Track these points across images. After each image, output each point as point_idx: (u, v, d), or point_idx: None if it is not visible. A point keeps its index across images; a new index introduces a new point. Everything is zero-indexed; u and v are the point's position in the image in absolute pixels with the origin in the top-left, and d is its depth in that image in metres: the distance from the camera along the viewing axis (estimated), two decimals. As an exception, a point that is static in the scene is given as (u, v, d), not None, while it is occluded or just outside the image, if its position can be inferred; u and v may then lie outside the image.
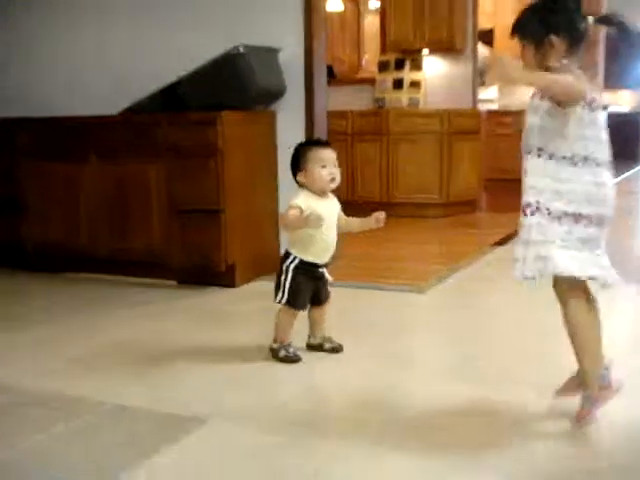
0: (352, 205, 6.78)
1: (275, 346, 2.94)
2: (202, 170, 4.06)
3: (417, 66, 7.50)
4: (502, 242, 5.47)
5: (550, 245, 2.11)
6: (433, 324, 3.63)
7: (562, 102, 2.05)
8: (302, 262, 2.87)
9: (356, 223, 2.99)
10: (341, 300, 3.94)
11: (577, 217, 2.10)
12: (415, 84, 7.47)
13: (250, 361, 2.94)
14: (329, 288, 3.00)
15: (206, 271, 4.18)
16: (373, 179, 6.92)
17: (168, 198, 4.19)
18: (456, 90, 7.42)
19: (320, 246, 2.88)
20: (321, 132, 4.50)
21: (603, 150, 2.11)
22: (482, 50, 9.62)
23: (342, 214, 3.00)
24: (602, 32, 10.08)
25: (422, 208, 6.76)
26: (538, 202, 2.14)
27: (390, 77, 7.59)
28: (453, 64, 7.46)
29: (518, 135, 2.29)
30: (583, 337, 2.17)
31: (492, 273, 4.62)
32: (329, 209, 2.90)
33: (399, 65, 7.56)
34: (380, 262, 4.91)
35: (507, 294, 3.96)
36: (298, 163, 2.89)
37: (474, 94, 7.48)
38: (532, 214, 2.15)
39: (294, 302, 2.89)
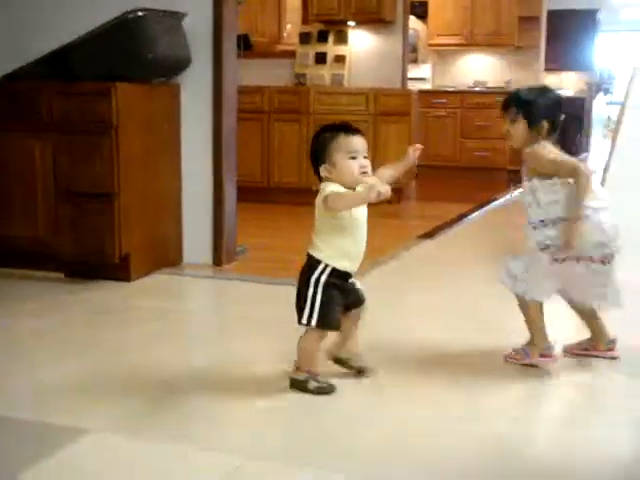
0: (266, 192, 6.91)
1: (300, 377, 2.64)
2: (94, 148, 3.99)
3: (342, 39, 7.56)
4: (430, 235, 5.56)
5: None
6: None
7: None
8: (335, 272, 2.58)
9: (388, 173, 2.76)
10: (240, 297, 3.98)
11: None
12: (339, 59, 7.53)
13: (138, 363, 2.92)
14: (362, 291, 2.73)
15: (97, 263, 4.12)
16: (291, 163, 6.93)
17: (55, 179, 4.10)
18: (384, 67, 7.51)
19: (357, 250, 2.62)
20: (230, 108, 4.49)
21: None
22: (414, 24, 9.78)
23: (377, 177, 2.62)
24: (544, 13, 10.39)
25: (345, 196, 6.78)
26: None
27: (312, 50, 7.62)
28: (382, 38, 7.54)
29: (452, 118, 2.74)
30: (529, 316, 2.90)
31: (416, 269, 4.70)
32: (362, 206, 2.61)
33: (322, 37, 7.60)
34: (292, 254, 4.89)
35: (429, 294, 4.03)
36: (321, 154, 2.59)
37: (404, 72, 7.58)
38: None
39: (328, 322, 2.59)
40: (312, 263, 2.59)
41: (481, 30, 9.85)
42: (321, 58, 7.57)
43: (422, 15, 10.17)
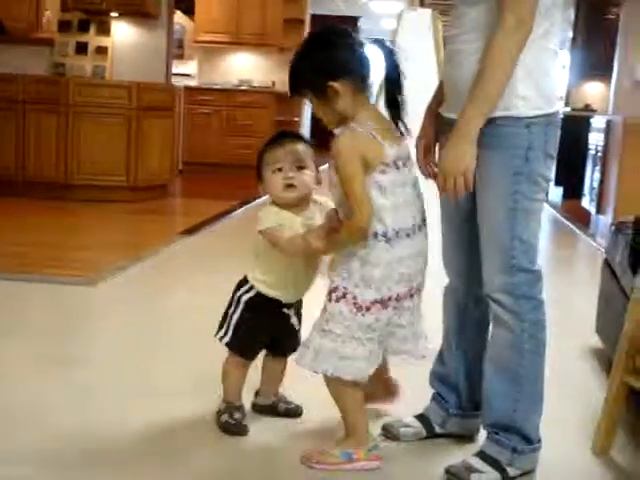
0: (22, 185, 6.59)
1: (221, 407, 2.41)
2: None
3: (104, 30, 7.36)
4: (191, 231, 5.57)
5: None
6: (99, 322, 3.59)
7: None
8: (259, 295, 2.35)
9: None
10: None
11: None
12: (102, 50, 7.33)
13: None
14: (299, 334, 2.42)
15: None
16: (49, 156, 6.64)
17: None
18: (149, 61, 7.40)
19: (292, 276, 2.33)
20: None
21: None
22: (180, 19, 9.72)
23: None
24: (307, 17, 10.70)
25: (107, 192, 6.63)
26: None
27: (73, 40, 7.36)
28: (146, 32, 7.43)
29: (218, 115, 2.17)
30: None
31: (176, 265, 4.69)
32: (309, 224, 2.26)
33: (83, 27, 7.36)
34: (47, 251, 4.72)
35: (187, 291, 4.04)
36: (258, 172, 2.34)
37: (168, 67, 7.52)
38: None
39: (240, 347, 2.37)
40: (241, 280, 2.39)
41: (247, 29, 9.98)
42: (82, 48, 7.32)
43: (189, 11, 10.13)
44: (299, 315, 2.45)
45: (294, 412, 2.50)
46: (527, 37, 1.95)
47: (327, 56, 2.08)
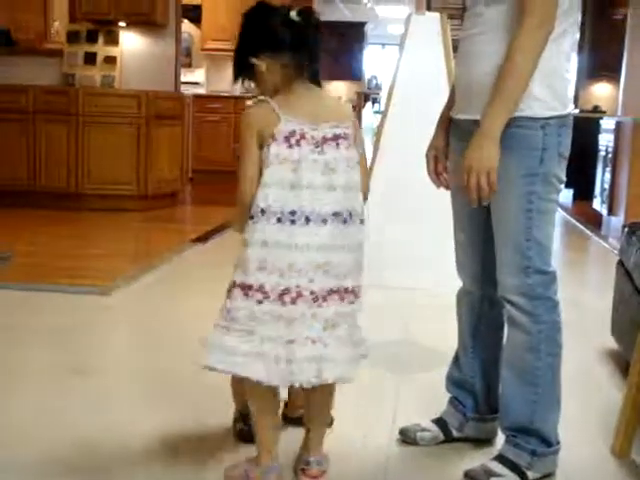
0: (34, 196, 6.61)
1: (235, 415, 2.39)
2: None
3: (113, 40, 7.37)
4: (202, 239, 5.57)
5: None
6: (114, 331, 3.59)
7: None
8: None
9: None
10: (3, 306, 3.78)
11: None
12: (110, 60, 7.33)
13: None
14: None
15: None
16: (60, 166, 6.66)
17: None
18: (157, 70, 7.41)
19: None
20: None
21: None
22: (188, 28, 9.75)
23: None
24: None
25: (117, 201, 6.65)
26: None
27: (81, 50, 7.37)
28: (154, 41, 7.44)
29: (226, 122, 2.14)
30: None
31: (188, 273, 4.69)
32: None
33: (92, 37, 7.37)
34: (60, 261, 4.73)
35: (200, 298, 4.04)
36: None
37: (177, 75, 7.53)
38: None
39: None
40: None
41: None
42: (91, 58, 7.33)
43: (196, 19, 10.15)
44: None
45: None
46: (548, 37, 1.96)
47: (245, 33, 2.05)
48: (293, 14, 1.98)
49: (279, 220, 1.93)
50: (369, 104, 15.38)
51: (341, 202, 1.98)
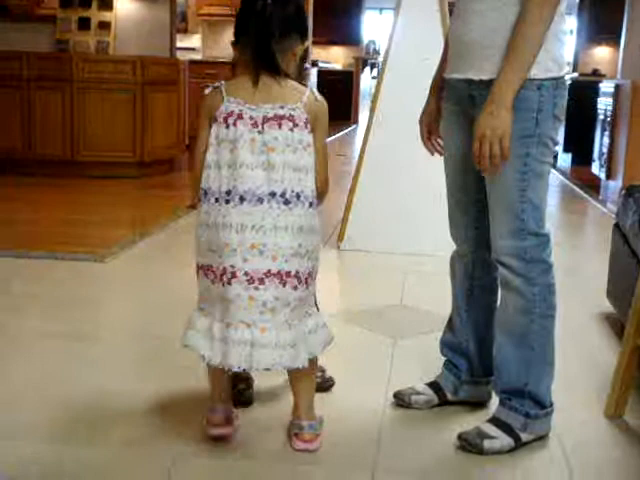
0: (29, 163, 6.59)
1: None
2: None
3: (107, 5, 7.30)
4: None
5: None
6: (109, 298, 3.59)
7: None
8: None
9: None
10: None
11: None
12: (104, 25, 7.27)
13: None
14: None
15: None
16: (55, 133, 6.63)
17: None
18: (152, 36, 7.35)
19: None
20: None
21: None
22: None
23: None
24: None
25: (113, 168, 6.62)
26: None
27: (75, 16, 7.30)
28: (148, 5, 7.37)
29: None
30: None
31: (184, 240, 4.68)
32: None
33: (85, 2, 7.29)
34: (56, 228, 4.73)
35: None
36: None
37: (172, 41, 7.48)
38: None
39: None
40: None
41: None
42: (84, 24, 7.27)
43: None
44: None
45: (324, 387, 2.45)
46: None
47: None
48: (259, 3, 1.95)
49: (217, 200, 1.95)
50: (367, 69, 15.24)
51: (282, 182, 1.95)
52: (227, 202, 1.95)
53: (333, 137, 11.83)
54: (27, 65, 6.62)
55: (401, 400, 2.40)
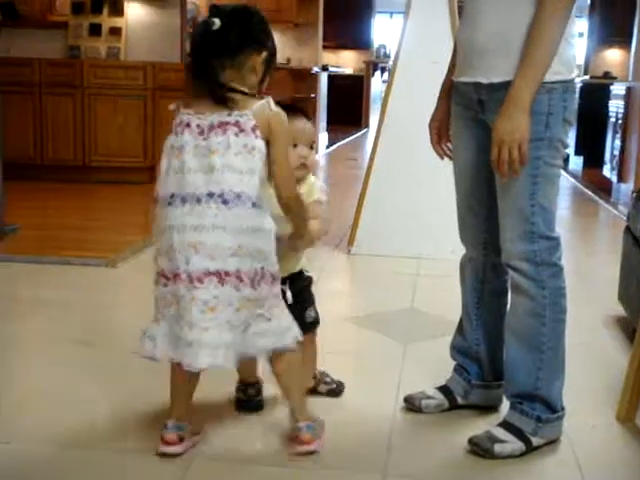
0: (40, 169, 6.62)
1: (236, 385, 2.42)
2: None
3: (117, 10, 7.32)
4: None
5: None
6: (120, 303, 3.60)
7: None
8: None
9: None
10: (10, 278, 3.80)
11: None
12: (115, 31, 7.29)
13: None
14: None
15: None
16: (66, 139, 6.65)
17: None
18: (163, 41, 7.35)
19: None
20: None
21: None
22: (193, -2, 9.66)
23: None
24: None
25: (124, 173, 6.63)
26: None
27: (86, 22, 7.32)
28: (159, 11, 7.38)
29: None
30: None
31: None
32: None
33: (97, 8, 7.32)
34: (67, 233, 4.74)
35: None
36: None
37: (182, 47, 7.47)
38: None
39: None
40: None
41: (261, 6, 9.41)
42: (95, 30, 7.29)
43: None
44: (300, 292, 2.29)
45: (335, 392, 2.48)
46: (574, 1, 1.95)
47: None
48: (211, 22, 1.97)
49: (165, 205, 1.98)
50: (378, 73, 15.24)
51: (222, 183, 1.93)
52: (170, 204, 1.97)
53: (344, 141, 11.84)
54: (39, 71, 6.66)
55: (411, 404, 2.40)
